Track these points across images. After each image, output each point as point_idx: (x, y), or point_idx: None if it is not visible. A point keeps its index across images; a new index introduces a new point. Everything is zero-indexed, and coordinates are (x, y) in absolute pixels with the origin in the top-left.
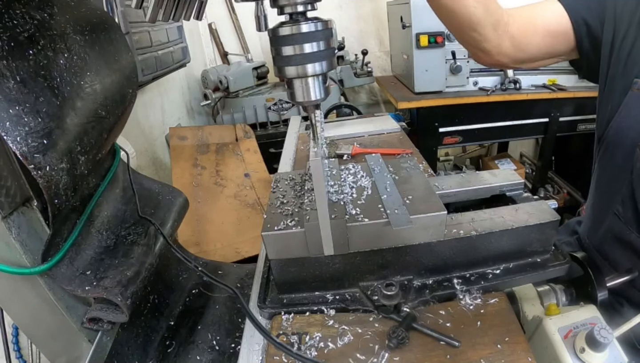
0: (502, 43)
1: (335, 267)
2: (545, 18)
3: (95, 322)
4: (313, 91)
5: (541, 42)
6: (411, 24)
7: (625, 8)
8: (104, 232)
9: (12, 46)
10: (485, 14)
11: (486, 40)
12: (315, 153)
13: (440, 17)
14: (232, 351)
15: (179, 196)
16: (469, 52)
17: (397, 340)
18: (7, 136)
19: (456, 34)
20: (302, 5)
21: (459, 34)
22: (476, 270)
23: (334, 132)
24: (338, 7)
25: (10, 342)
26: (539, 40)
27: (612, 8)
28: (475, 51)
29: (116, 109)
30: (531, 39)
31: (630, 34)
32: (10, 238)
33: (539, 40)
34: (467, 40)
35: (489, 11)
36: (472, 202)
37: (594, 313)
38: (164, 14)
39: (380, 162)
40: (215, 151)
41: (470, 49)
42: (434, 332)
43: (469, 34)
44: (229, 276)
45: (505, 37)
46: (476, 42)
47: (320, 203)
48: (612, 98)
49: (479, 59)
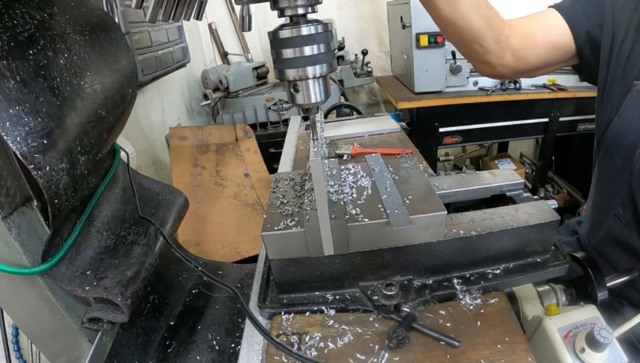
0: (504, 55)
1: (335, 267)
2: (546, 30)
3: (95, 321)
4: (314, 93)
5: (542, 53)
6: (411, 24)
7: (624, 12)
8: (104, 232)
9: (12, 46)
10: (487, 27)
11: (488, 53)
12: (315, 153)
13: (443, 30)
14: (232, 351)
15: (179, 196)
16: (472, 64)
17: (397, 340)
18: (7, 136)
19: (458, 47)
20: (302, 7)
21: (461, 47)
22: (476, 270)
23: (334, 132)
24: (338, 7)
25: (10, 342)
26: (540, 51)
27: (610, 12)
28: (478, 64)
29: (116, 109)
30: (532, 51)
31: (629, 37)
32: (10, 238)
33: (540, 51)
34: (469, 53)
35: (490, 24)
36: (472, 202)
37: (594, 313)
38: (164, 14)
39: (380, 162)
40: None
41: (473, 61)
42: (434, 331)
43: (471, 47)
44: (229, 276)
45: (506, 49)
46: (478, 55)
47: (320, 203)
48: (611, 101)
49: (481, 71)
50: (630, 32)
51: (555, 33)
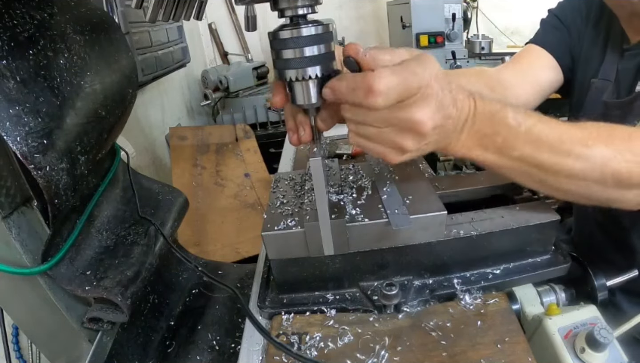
0: None
1: (335, 267)
2: (537, 75)
3: (95, 321)
4: (314, 93)
5: (534, 96)
6: (411, 24)
7: (577, 25)
8: (104, 232)
9: (12, 46)
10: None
11: None
12: (315, 153)
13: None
14: (232, 351)
15: (179, 196)
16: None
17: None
18: (7, 136)
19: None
20: (302, 8)
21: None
22: (476, 270)
23: (334, 132)
24: (338, 7)
25: (10, 342)
26: (532, 98)
27: (569, 28)
28: None
29: (116, 109)
30: (527, 99)
31: (584, 45)
32: (10, 238)
33: (532, 98)
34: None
35: (489, 88)
36: (472, 202)
37: (594, 313)
38: (164, 14)
39: (380, 162)
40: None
41: None
42: None
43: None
44: (229, 276)
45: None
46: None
47: (320, 203)
48: (579, 105)
49: None
50: (587, 38)
51: (546, 74)
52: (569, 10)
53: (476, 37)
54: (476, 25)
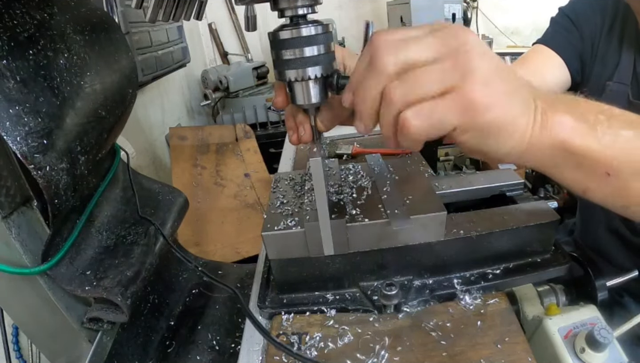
0: None
1: (335, 267)
2: (546, 77)
3: (95, 321)
4: (314, 94)
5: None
6: (411, 24)
7: (590, 26)
8: (104, 232)
9: (12, 46)
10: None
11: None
12: (315, 153)
13: None
14: (232, 351)
15: (179, 196)
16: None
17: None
18: (7, 136)
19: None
20: (302, 8)
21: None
22: (476, 270)
23: (334, 132)
24: (338, 7)
25: (10, 342)
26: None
27: (581, 30)
28: None
29: (116, 109)
30: None
31: (601, 44)
32: (10, 238)
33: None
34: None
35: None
36: (472, 202)
37: (594, 313)
38: (164, 14)
39: (380, 162)
40: (215, 151)
41: None
42: None
43: None
44: (229, 276)
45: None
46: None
47: (320, 203)
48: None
49: None
50: (602, 39)
51: (557, 76)
52: (581, 9)
53: None
54: (476, 25)
